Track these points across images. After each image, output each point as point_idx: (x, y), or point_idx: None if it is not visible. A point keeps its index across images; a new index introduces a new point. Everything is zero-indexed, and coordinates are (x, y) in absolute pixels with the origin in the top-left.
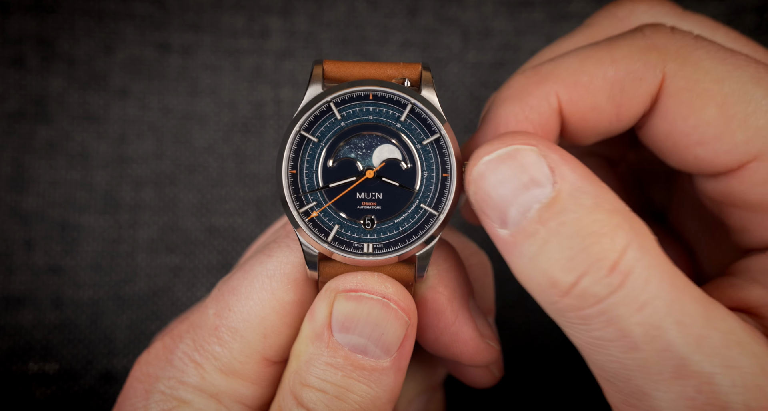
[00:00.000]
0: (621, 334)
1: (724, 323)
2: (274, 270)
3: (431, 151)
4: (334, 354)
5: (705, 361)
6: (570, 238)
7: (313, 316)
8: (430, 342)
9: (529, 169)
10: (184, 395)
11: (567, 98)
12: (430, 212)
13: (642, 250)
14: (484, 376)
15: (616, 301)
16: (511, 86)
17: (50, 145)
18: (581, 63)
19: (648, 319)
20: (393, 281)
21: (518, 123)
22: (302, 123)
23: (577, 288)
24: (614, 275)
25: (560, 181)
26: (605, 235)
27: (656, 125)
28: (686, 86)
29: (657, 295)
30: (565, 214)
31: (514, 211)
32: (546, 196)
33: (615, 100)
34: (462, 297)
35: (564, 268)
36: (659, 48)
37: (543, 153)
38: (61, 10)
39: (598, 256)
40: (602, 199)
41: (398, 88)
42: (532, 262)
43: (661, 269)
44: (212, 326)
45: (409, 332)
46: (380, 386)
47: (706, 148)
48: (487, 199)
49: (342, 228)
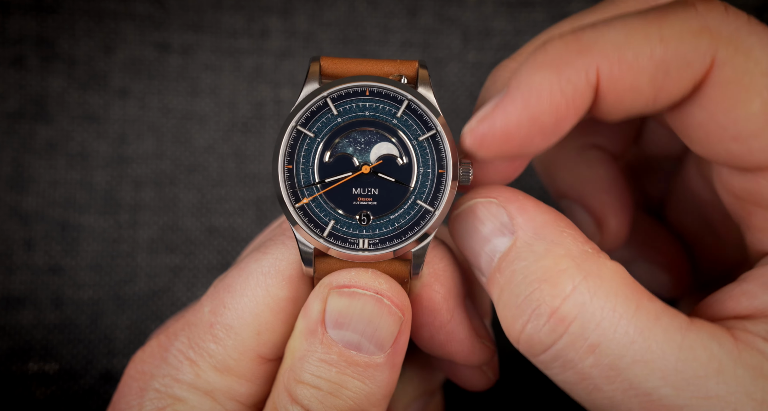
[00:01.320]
0: (580, 378)
1: (702, 351)
2: (269, 267)
3: (427, 147)
4: (328, 350)
5: (674, 395)
6: (518, 286)
7: (307, 312)
8: (425, 340)
9: (491, 220)
10: (178, 393)
11: (608, 75)
12: (425, 208)
13: (593, 291)
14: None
15: (563, 347)
16: (549, 52)
17: (50, 145)
18: (627, 36)
19: (603, 360)
20: (387, 277)
21: (552, 96)
22: (299, 118)
23: (523, 335)
24: (554, 321)
25: (518, 230)
26: (546, 281)
27: (692, 113)
28: (734, 77)
29: (610, 336)
30: (517, 262)
31: (483, 261)
32: (504, 245)
33: (657, 83)
34: (458, 296)
35: (513, 316)
36: (712, 31)
37: (503, 204)
38: (61, 10)
39: (538, 302)
40: (556, 245)
41: (395, 84)
42: (496, 307)
43: (620, 308)
44: (207, 323)
45: (403, 328)
46: (374, 382)
47: (742, 144)
48: (463, 250)
49: (338, 223)
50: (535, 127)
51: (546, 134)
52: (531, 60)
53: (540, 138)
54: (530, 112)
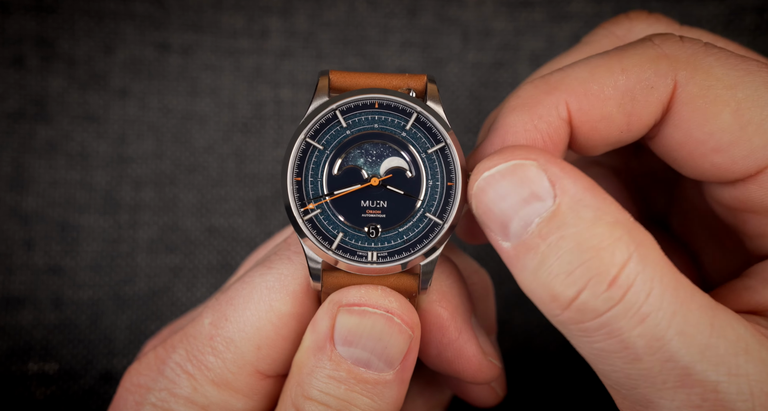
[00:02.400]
0: (623, 346)
1: (731, 330)
2: (273, 282)
3: (436, 160)
4: (337, 367)
5: (709, 370)
6: (569, 253)
7: (316, 328)
8: (432, 357)
9: (530, 183)
10: (175, 407)
11: (577, 108)
12: (434, 221)
13: (643, 262)
14: (488, 395)
15: (616, 315)
16: (520, 96)
17: (50, 145)
18: (591, 72)
19: (649, 330)
20: (397, 295)
21: (527, 132)
22: (308, 130)
23: (576, 302)
24: (614, 289)
25: (560, 195)
26: (605, 249)
27: (670, 134)
28: (699, 93)
29: (659, 306)
30: (564, 228)
31: (516, 225)
32: (546, 210)
33: (626, 109)
34: (465, 313)
35: (564, 283)
36: (669, 56)
37: (543, 167)
38: (61, 10)
39: (598, 271)
40: (603, 212)
41: (404, 96)
42: (534, 276)
43: (664, 280)
44: (207, 336)
45: (413, 345)
46: (383, 399)
47: (723, 154)
48: (489, 213)
49: (346, 236)
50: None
51: None
52: (505, 104)
53: None
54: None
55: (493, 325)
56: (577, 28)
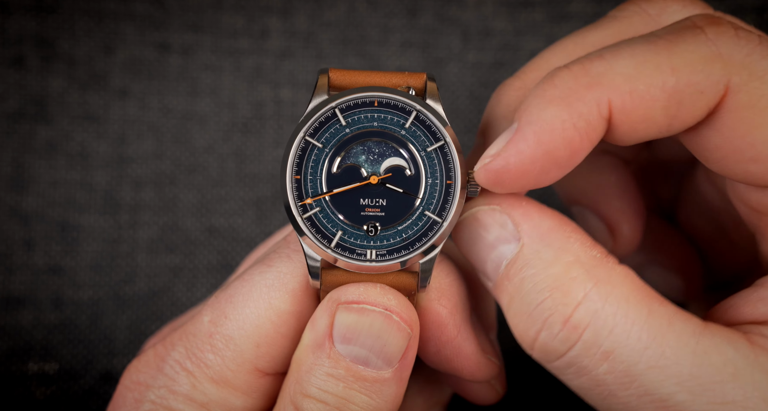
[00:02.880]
0: (594, 384)
1: (717, 356)
2: (273, 280)
3: (435, 158)
4: (336, 365)
5: (690, 401)
6: (528, 294)
7: (315, 325)
8: (431, 355)
9: (495, 227)
10: (174, 404)
11: (620, 107)
12: (433, 219)
13: (605, 298)
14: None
15: (577, 354)
16: (557, 85)
17: (50, 145)
18: (638, 68)
19: (617, 366)
20: (395, 293)
21: (565, 131)
22: (307, 129)
23: (537, 343)
24: (568, 329)
25: (524, 237)
26: (557, 289)
27: (708, 136)
28: (749, 102)
29: (624, 342)
30: (525, 270)
31: (489, 267)
32: (511, 252)
33: (670, 111)
34: (464, 311)
35: (525, 324)
36: (724, 56)
37: (506, 211)
38: (61, 10)
39: (552, 311)
40: (564, 251)
41: (404, 95)
42: (506, 314)
43: (632, 313)
44: (207, 333)
45: (411, 343)
46: (382, 397)
47: (760, 165)
48: (468, 256)
49: (345, 234)
50: (549, 162)
51: (560, 167)
52: (540, 93)
53: (555, 171)
54: (544, 148)
55: (493, 322)
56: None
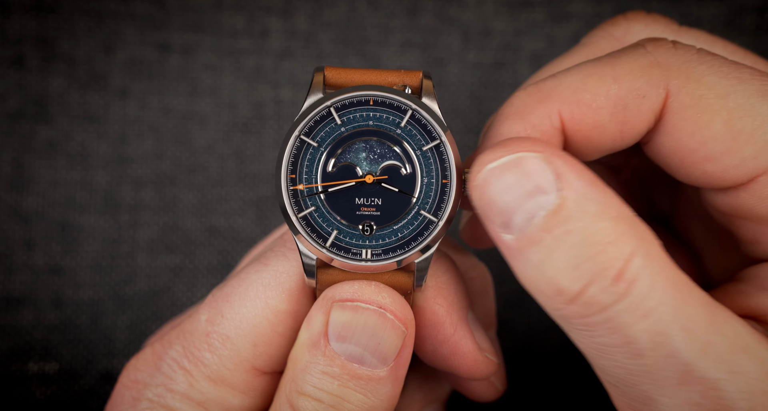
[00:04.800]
0: (626, 341)
1: (730, 328)
2: (269, 279)
3: (431, 157)
4: (331, 363)
5: (710, 367)
6: (575, 247)
7: (310, 324)
8: (428, 353)
9: (534, 176)
10: (171, 403)
11: (569, 116)
12: (429, 219)
13: (647, 257)
14: (487, 390)
15: (621, 309)
16: (513, 104)
17: (50, 145)
18: (583, 80)
19: (653, 325)
20: (390, 291)
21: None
22: (302, 128)
23: (582, 296)
24: (620, 283)
25: (565, 188)
26: (610, 243)
27: (662, 142)
28: (690, 102)
29: (662, 301)
30: (570, 222)
31: (519, 218)
32: (551, 203)
33: (618, 118)
34: (461, 309)
35: (569, 277)
36: (662, 64)
37: (548, 160)
38: (61, 10)
39: (604, 265)
40: (608, 207)
41: (399, 93)
42: (537, 270)
43: (667, 275)
44: (203, 332)
45: (407, 342)
46: (377, 396)
47: (715, 163)
48: (491, 205)
49: (341, 233)
50: None
51: None
52: (499, 113)
53: None
54: None
55: (492, 320)
56: (577, 28)
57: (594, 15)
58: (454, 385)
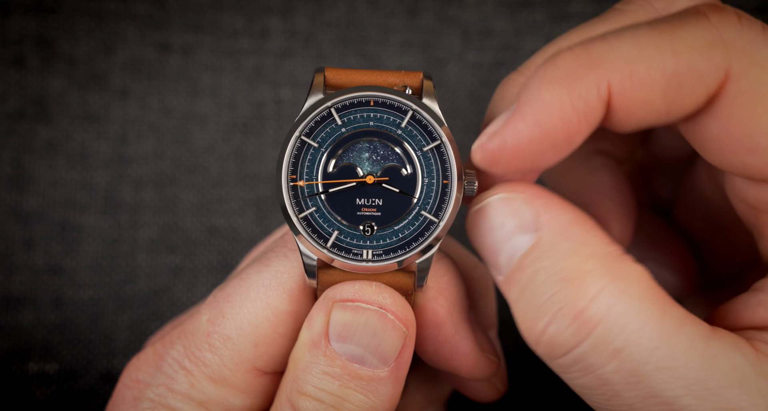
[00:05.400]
0: (600, 383)
1: (725, 361)
2: (270, 279)
3: (432, 157)
4: (331, 363)
5: (696, 405)
6: (541, 285)
7: (311, 324)
8: (429, 354)
9: (515, 216)
10: (172, 403)
11: (619, 89)
12: (430, 219)
13: (618, 295)
14: (488, 391)
15: (585, 350)
16: (558, 66)
17: (50, 145)
18: (639, 50)
19: (625, 365)
20: (391, 291)
21: (563, 112)
22: (303, 128)
23: (545, 336)
24: (579, 323)
25: (543, 228)
26: (571, 281)
27: (706, 125)
28: (749, 90)
29: (635, 341)
30: (540, 261)
31: (503, 259)
32: (527, 243)
33: (669, 96)
34: (462, 310)
35: (534, 316)
36: (725, 42)
37: (528, 200)
38: (61, 10)
39: (564, 303)
40: (582, 244)
41: (399, 94)
42: (515, 308)
43: (644, 313)
44: (204, 332)
45: (408, 342)
46: (377, 396)
47: (758, 156)
48: (481, 246)
49: (341, 234)
50: (546, 143)
51: (558, 149)
52: (540, 74)
53: (552, 153)
54: (541, 129)
55: (493, 320)
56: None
57: (594, 15)
58: (454, 386)
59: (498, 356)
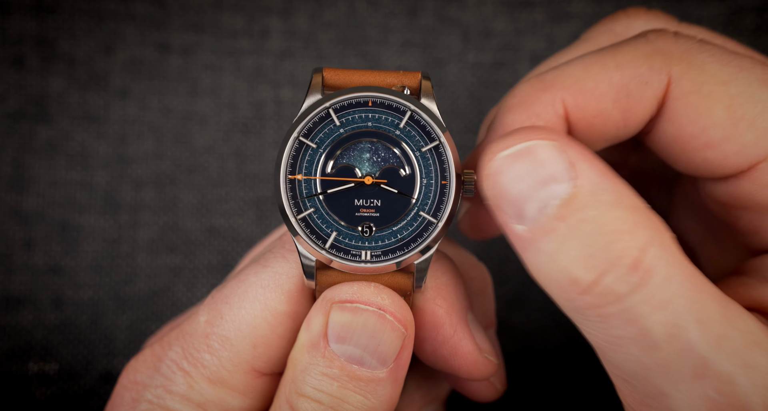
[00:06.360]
0: (641, 333)
1: (742, 322)
2: (268, 280)
3: (430, 158)
4: (330, 364)
5: (725, 361)
6: (590, 236)
7: (310, 325)
8: (428, 354)
9: (548, 165)
10: (170, 404)
11: (573, 104)
12: (428, 220)
13: (663, 248)
14: (487, 390)
15: (637, 299)
16: (516, 95)
17: (50, 145)
18: (586, 69)
19: (669, 317)
20: (390, 292)
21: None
22: (301, 129)
23: (598, 286)
24: (636, 273)
25: (580, 177)
26: (626, 232)
27: (663, 129)
28: (692, 89)
29: (678, 293)
30: (585, 211)
31: (532, 207)
32: (565, 192)
33: (621, 105)
34: (461, 310)
35: (584, 266)
36: (664, 52)
37: (561, 148)
38: (61, 10)
39: (620, 254)
40: (622, 196)
41: (398, 94)
42: (551, 259)
43: (681, 267)
44: (203, 334)
45: (406, 343)
46: (376, 397)
47: (715, 150)
48: (504, 194)
49: (340, 235)
50: None
51: None
52: (503, 105)
53: None
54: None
55: (492, 319)
56: (577, 28)
57: (594, 15)
58: (454, 386)
59: (497, 356)
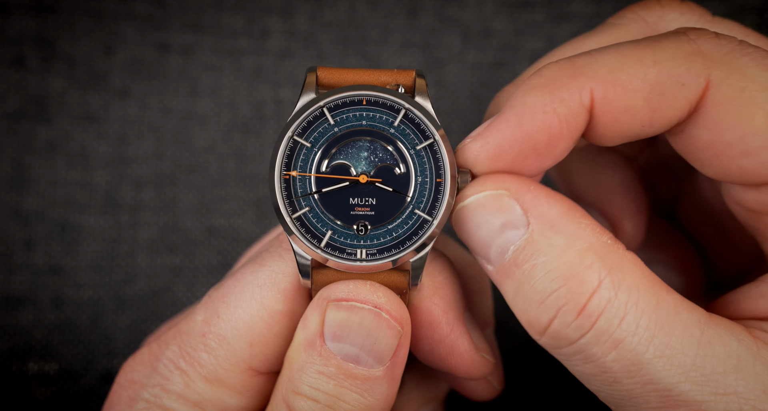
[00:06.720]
0: (600, 371)
1: (721, 347)
2: (265, 279)
3: (425, 156)
4: (326, 362)
5: (694, 390)
6: (541, 281)
7: (306, 324)
8: (425, 353)
9: (503, 212)
10: (167, 403)
11: (602, 96)
12: (423, 218)
13: (616, 287)
14: (485, 389)
15: (588, 342)
16: (543, 75)
17: (50, 145)
18: (621, 60)
19: (625, 355)
20: (385, 290)
21: (545, 115)
22: (295, 128)
23: (549, 330)
24: (582, 318)
25: (533, 223)
26: (573, 277)
27: (697, 134)
28: (732, 95)
29: (633, 331)
30: (536, 257)
31: (494, 252)
32: (520, 238)
33: (652, 104)
34: (457, 309)
35: (537, 311)
36: (704, 53)
37: (515, 195)
38: (61, 10)
39: (567, 299)
40: (576, 238)
41: (392, 93)
42: (513, 301)
43: (641, 303)
44: (200, 333)
45: (403, 341)
46: (373, 395)
47: (753, 158)
48: (470, 239)
49: (335, 233)
50: (527, 146)
51: (539, 154)
52: (527, 82)
53: (533, 158)
54: (523, 131)
55: (490, 318)
56: (577, 28)
57: (594, 15)
58: (451, 385)
59: (494, 355)
